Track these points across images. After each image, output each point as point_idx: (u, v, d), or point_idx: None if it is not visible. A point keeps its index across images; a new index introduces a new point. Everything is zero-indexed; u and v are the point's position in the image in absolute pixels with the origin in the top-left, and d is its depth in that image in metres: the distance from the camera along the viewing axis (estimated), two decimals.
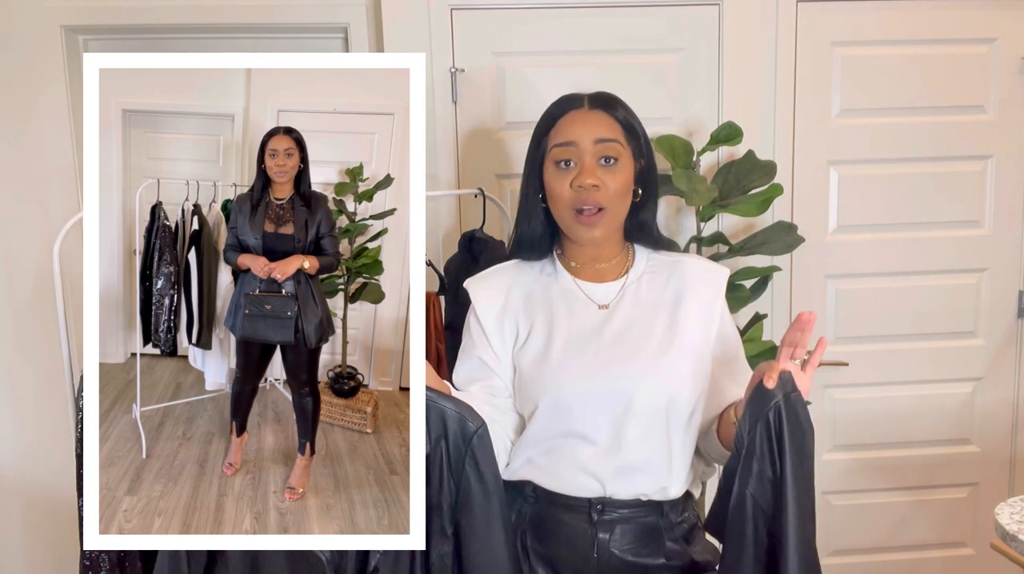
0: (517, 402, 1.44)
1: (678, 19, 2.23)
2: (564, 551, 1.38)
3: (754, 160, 2.13)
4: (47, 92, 2.20)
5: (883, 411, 2.43)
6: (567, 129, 1.39)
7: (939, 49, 2.29)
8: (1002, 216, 2.38)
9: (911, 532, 2.50)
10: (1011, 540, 1.55)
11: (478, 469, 1.24)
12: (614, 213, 1.39)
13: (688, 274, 1.44)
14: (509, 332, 1.44)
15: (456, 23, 2.19)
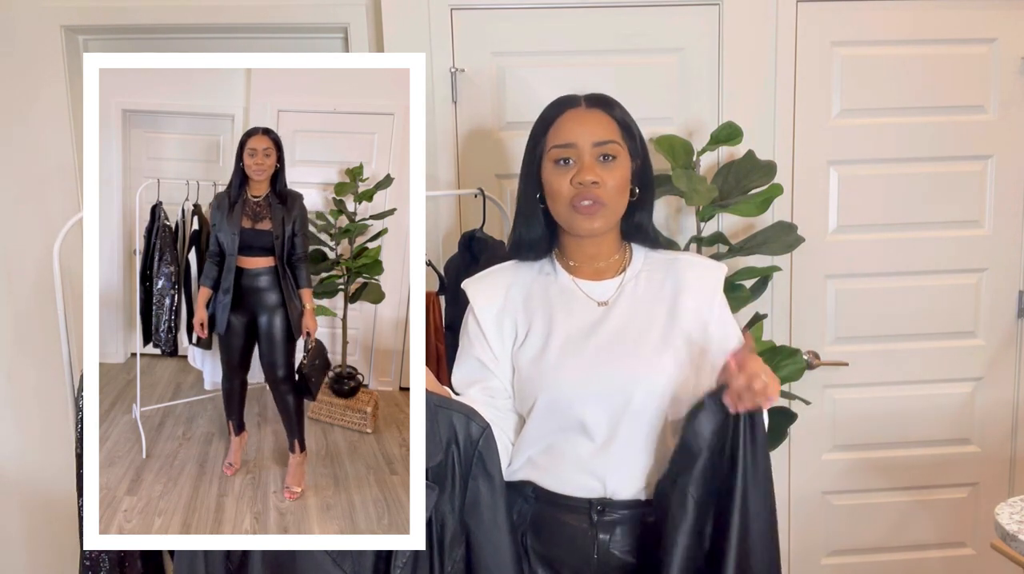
0: (516, 402, 1.44)
1: (678, 19, 2.23)
2: (564, 551, 1.38)
3: (754, 160, 2.13)
4: (47, 92, 2.20)
5: (883, 411, 2.43)
6: (566, 129, 1.40)
7: (939, 49, 2.29)
8: (1002, 216, 2.38)
9: (911, 532, 2.50)
10: (1011, 540, 1.55)
11: (486, 470, 1.25)
12: (614, 208, 1.40)
13: (685, 271, 1.45)
14: (508, 332, 1.44)
15: (456, 23, 2.19)
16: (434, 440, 1.23)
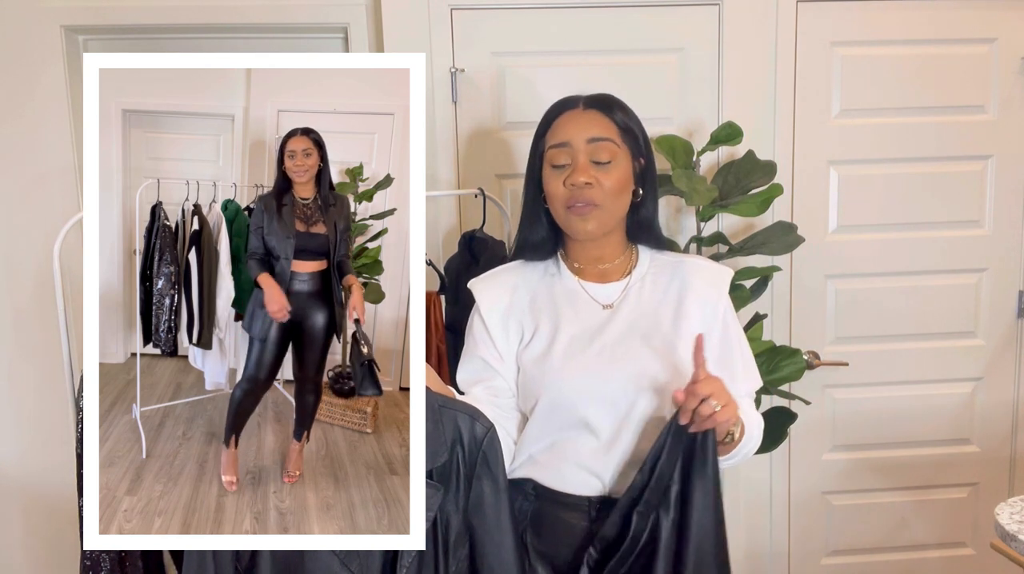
0: (520, 401, 1.44)
1: (678, 19, 2.23)
2: (564, 549, 1.38)
3: (754, 160, 2.13)
4: (47, 92, 2.20)
5: (883, 411, 2.43)
6: (562, 130, 1.40)
7: (939, 49, 2.29)
8: (1002, 216, 2.38)
9: (911, 532, 2.50)
10: (1011, 540, 1.55)
11: (490, 470, 1.25)
12: (609, 210, 1.39)
13: (691, 274, 1.44)
14: (514, 332, 1.44)
15: (456, 23, 2.19)
16: (439, 440, 1.23)
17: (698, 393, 1.20)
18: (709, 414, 1.20)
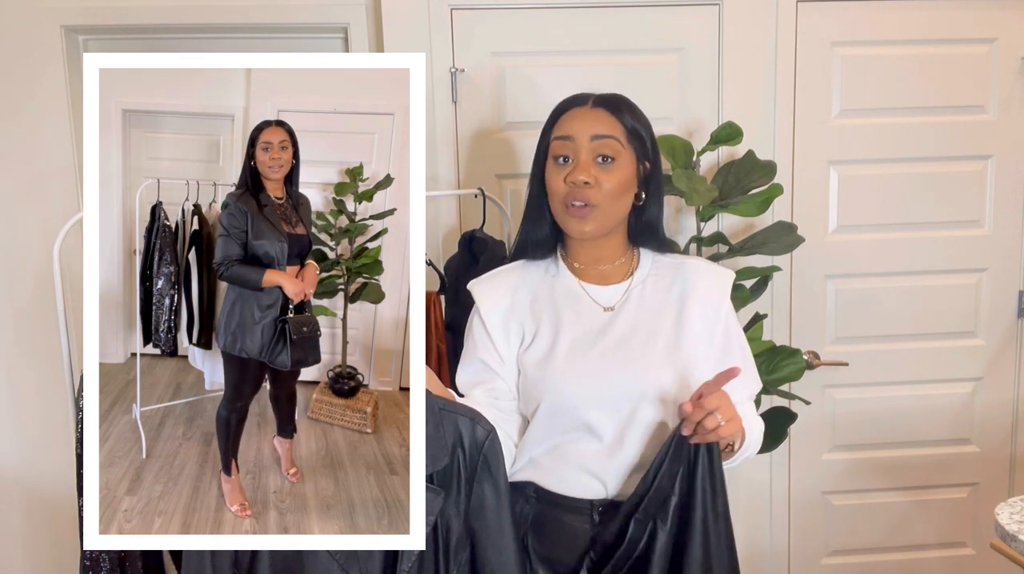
0: (521, 404, 1.44)
1: (678, 19, 2.23)
2: (565, 552, 1.38)
3: (754, 160, 2.13)
4: (47, 92, 2.20)
5: (883, 411, 2.43)
6: (566, 124, 1.40)
7: (939, 49, 2.29)
8: (1002, 216, 2.38)
9: (911, 532, 2.50)
10: (1011, 540, 1.55)
11: (491, 473, 1.24)
12: (607, 211, 1.38)
13: (693, 276, 1.44)
14: (515, 334, 1.43)
15: (456, 23, 2.19)
16: (440, 444, 1.22)
17: (705, 406, 1.19)
18: (713, 427, 1.19)
